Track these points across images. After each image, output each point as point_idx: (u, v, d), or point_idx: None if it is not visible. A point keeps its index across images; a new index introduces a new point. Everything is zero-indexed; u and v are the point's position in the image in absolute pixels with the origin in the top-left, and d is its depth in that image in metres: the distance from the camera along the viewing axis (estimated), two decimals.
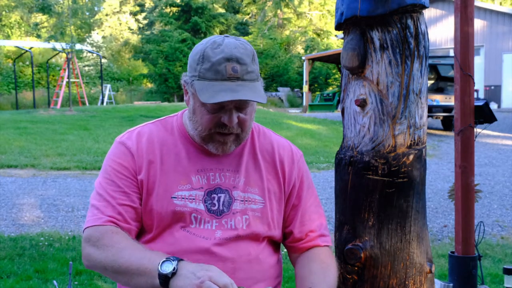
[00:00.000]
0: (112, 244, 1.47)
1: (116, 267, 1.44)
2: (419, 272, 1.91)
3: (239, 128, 1.56)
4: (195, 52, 1.54)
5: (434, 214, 6.97)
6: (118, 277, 1.47)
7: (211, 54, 1.49)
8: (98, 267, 1.49)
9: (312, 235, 1.69)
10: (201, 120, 1.55)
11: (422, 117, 1.91)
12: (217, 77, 1.48)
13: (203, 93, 1.48)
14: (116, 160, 1.60)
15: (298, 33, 36.87)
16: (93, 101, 28.27)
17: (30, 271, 4.87)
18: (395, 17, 1.83)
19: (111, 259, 1.45)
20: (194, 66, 1.53)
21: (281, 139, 1.77)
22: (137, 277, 1.40)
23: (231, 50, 1.49)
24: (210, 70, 1.49)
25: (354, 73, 1.93)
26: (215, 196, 1.59)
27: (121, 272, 1.44)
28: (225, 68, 1.47)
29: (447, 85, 14.73)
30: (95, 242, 1.49)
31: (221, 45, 1.50)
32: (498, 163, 10.82)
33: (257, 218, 1.62)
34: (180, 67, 32.22)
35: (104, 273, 1.51)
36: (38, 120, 15.30)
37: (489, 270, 5.01)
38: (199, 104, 1.53)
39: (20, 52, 26.46)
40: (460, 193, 2.81)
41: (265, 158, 1.69)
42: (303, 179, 1.73)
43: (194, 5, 33.46)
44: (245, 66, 1.50)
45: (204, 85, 1.49)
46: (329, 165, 10.40)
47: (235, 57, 1.49)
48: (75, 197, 7.61)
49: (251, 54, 1.53)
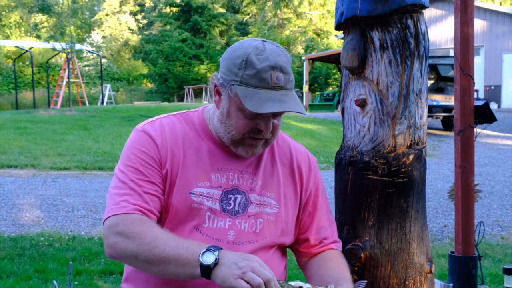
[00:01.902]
0: (144, 232, 1.42)
1: (150, 257, 1.39)
2: (419, 272, 1.91)
3: (270, 133, 1.56)
4: (236, 56, 1.52)
5: (434, 214, 6.97)
6: (150, 267, 1.42)
7: (255, 61, 1.48)
8: (127, 256, 1.44)
9: (326, 242, 1.70)
10: (236, 124, 1.53)
11: (422, 117, 1.91)
12: (262, 85, 1.47)
13: (249, 100, 1.46)
14: (140, 148, 1.56)
15: (298, 33, 36.86)
16: (93, 101, 28.28)
17: (30, 271, 4.87)
18: (395, 17, 1.83)
19: (144, 248, 1.40)
20: (235, 71, 1.50)
21: (297, 145, 1.77)
22: (174, 267, 1.37)
23: (276, 58, 1.49)
24: (255, 77, 1.48)
25: (354, 73, 1.93)
26: (231, 197, 1.59)
27: (156, 262, 1.39)
28: (271, 77, 1.47)
29: (447, 85, 14.72)
30: (123, 230, 1.44)
31: (264, 51, 1.49)
32: (498, 163, 10.82)
33: (271, 222, 1.61)
34: (180, 67, 32.22)
35: (132, 263, 1.46)
36: (38, 120, 15.30)
37: (489, 270, 5.01)
38: (236, 108, 1.52)
39: (20, 52, 26.46)
40: (460, 193, 2.81)
41: (283, 163, 1.69)
42: (319, 186, 1.74)
43: (194, 5, 33.44)
44: (288, 76, 1.50)
45: (248, 92, 1.48)
46: (329, 165, 10.40)
47: (279, 66, 1.49)
48: (75, 197, 7.61)
49: (290, 62, 1.54)
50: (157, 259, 1.39)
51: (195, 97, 29.34)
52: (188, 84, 31.05)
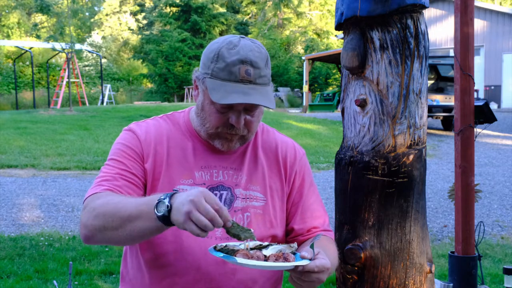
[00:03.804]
0: (106, 202, 1.43)
1: (116, 222, 1.39)
2: (419, 272, 1.91)
3: (245, 129, 1.57)
4: (210, 50, 1.55)
5: (434, 214, 6.97)
6: (120, 232, 1.40)
7: (226, 55, 1.51)
8: (97, 229, 1.43)
9: (315, 231, 1.68)
10: (209, 117, 1.57)
11: (422, 117, 1.91)
12: (230, 78, 1.50)
13: (215, 92, 1.49)
14: (125, 143, 1.61)
15: (298, 33, 36.87)
16: (93, 101, 28.28)
17: (30, 271, 4.88)
18: (395, 17, 1.83)
19: (109, 216, 1.40)
20: (208, 64, 1.54)
21: (284, 137, 1.78)
22: (141, 223, 1.36)
23: (247, 52, 1.51)
24: (224, 70, 1.50)
25: (354, 73, 1.93)
26: (217, 193, 1.60)
27: (122, 225, 1.39)
28: (239, 70, 1.49)
29: (447, 85, 14.73)
30: (90, 207, 1.46)
31: (237, 46, 1.52)
32: (498, 163, 10.82)
33: (258, 215, 1.62)
34: (180, 67, 32.21)
35: (105, 237, 1.44)
36: (38, 120, 15.31)
37: (489, 270, 5.01)
38: (209, 101, 1.55)
39: (20, 52, 26.48)
40: (460, 193, 2.81)
41: (267, 156, 1.70)
42: (305, 176, 1.73)
43: (193, 5, 33.45)
44: (258, 70, 1.52)
45: (216, 84, 1.51)
46: (329, 165, 10.41)
47: (249, 60, 1.50)
48: (75, 197, 7.62)
49: (265, 58, 1.55)
50: (122, 222, 1.38)
51: None
52: (188, 84, 31.05)
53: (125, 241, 1.47)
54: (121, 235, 1.41)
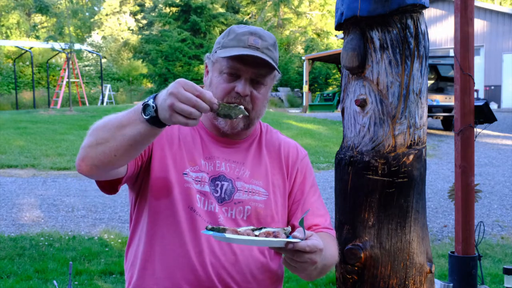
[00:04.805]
0: (96, 123, 1.44)
1: (107, 133, 1.38)
2: (419, 272, 1.91)
3: (250, 103, 1.61)
4: (223, 34, 1.67)
5: (434, 214, 6.97)
6: (112, 143, 1.39)
7: (236, 29, 1.63)
8: (90, 147, 1.41)
9: (316, 228, 1.68)
10: (216, 89, 1.61)
11: (422, 117, 1.91)
12: (239, 44, 1.59)
13: (223, 53, 1.58)
14: None
15: (298, 33, 36.87)
16: (93, 101, 28.28)
17: (30, 271, 4.88)
18: (395, 17, 1.83)
19: (100, 130, 1.40)
20: (219, 40, 1.65)
21: (287, 139, 1.81)
22: (131, 129, 1.36)
23: (256, 28, 1.64)
24: (234, 39, 1.61)
25: (354, 73, 1.93)
26: (218, 183, 1.62)
27: (114, 135, 1.37)
28: (248, 39, 1.59)
29: (447, 85, 14.73)
30: (87, 132, 1.45)
31: (247, 25, 1.65)
32: (498, 163, 10.82)
33: (260, 209, 1.64)
34: (180, 67, 32.21)
35: (98, 155, 1.41)
36: (38, 120, 15.31)
37: (489, 270, 5.01)
38: (217, 73, 1.61)
39: (20, 52, 26.47)
40: (460, 193, 2.81)
41: (270, 154, 1.73)
42: (306, 175, 1.75)
43: (193, 5, 33.44)
44: (265, 43, 1.61)
45: (226, 50, 1.60)
46: (329, 165, 10.41)
47: (258, 33, 1.61)
48: (75, 197, 7.62)
49: (274, 40, 1.66)
50: (112, 131, 1.38)
51: None
52: None
53: (116, 152, 1.40)
54: (112, 146, 1.39)
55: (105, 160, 1.41)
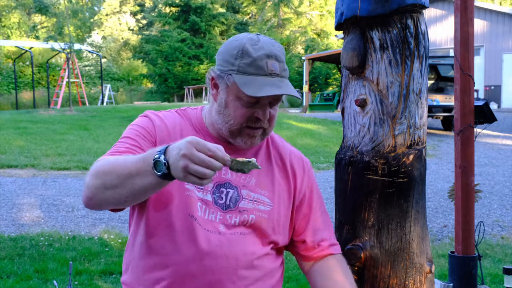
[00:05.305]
0: (104, 163, 1.43)
1: (115, 180, 1.39)
2: (419, 272, 1.91)
3: (267, 123, 1.60)
4: (232, 48, 1.58)
5: (434, 214, 6.97)
6: (121, 190, 1.40)
7: (251, 50, 1.55)
8: (97, 189, 1.42)
9: (324, 244, 1.70)
10: (234, 113, 1.57)
11: (422, 117, 1.91)
12: (259, 72, 1.54)
13: (247, 86, 1.52)
14: (139, 124, 1.63)
15: (298, 33, 36.87)
16: (93, 101, 28.29)
17: (30, 271, 4.88)
18: (395, 17, 1.83)
19: (108, 174, 1.41)
20: (232, 61, 1.56)
21: (292, 148, 1.80)
22: (140, 180, 1.36)
23: (270, 47, 1.57)
24: (251, 65, 1.54)
25: (354, 73, 1.93)
26: (223, 190, 1.61)
27: (122, 183, 1.38)
28: (266, 64, 1.54)
29: (447, 85, 14.73)
30: (91, 172, 1.46)
31: (259, 42, 1.57)
32: (498, 163, 10.82)
33: (263, 219, 1.63)
34: (179, 67, 32.22)
35: (105, 198, 1.43)
36: (38, 120, 15.31)
37: (489, 270, 5.01)
38: (234, 97, 1.56)
39: (20, 52, 26.48)
40: (460, 193, 2.81)
41: (277, 163, 1.71)
42: (313, 188, 1.75)
43: (193, 5, 33.44)
44: (282, 64, 1.57)
45: (246, 79, 1.53)
46: (329, 165, 10.40)
47: (274, 55, 1.56)
48: (75, 197, 7.62)
49: (284, 53, 1.62)
50: (121, 179, 1.39)
51: (195, 97, 29.35)
52: (188, 84, 31.06)
53: (126, 199, 1.43)
54: (121, 193, 1.40)
55: (113, 202, 1.45)
